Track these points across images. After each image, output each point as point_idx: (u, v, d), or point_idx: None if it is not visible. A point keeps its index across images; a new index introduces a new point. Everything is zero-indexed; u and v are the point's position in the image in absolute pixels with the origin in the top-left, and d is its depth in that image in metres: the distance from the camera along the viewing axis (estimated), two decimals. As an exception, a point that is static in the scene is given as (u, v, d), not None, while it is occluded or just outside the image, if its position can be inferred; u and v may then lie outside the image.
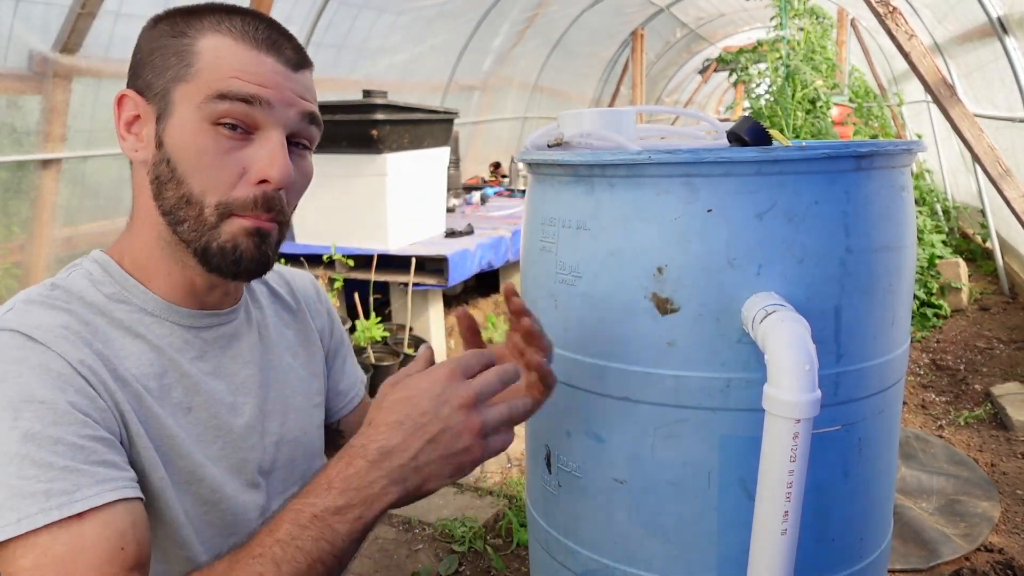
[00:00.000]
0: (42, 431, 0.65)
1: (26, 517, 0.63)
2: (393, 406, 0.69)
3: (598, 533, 1.06)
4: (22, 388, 0.67)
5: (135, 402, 0.76)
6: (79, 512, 0.65)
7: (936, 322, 4.28)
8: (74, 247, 3.22)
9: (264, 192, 0.77)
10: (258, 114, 0.77)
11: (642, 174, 0.95)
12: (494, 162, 6.98)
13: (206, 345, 0.85)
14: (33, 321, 0.72)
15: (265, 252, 0.80)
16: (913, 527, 2.27)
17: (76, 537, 0.64)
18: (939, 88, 2.84)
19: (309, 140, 0.84)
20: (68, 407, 0.68)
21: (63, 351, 0.71)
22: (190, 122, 0.76)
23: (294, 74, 0.80)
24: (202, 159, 0.76)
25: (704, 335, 0.94)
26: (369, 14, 4.74)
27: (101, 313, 0.78)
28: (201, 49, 0.76)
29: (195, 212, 0.77)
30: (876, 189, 0.96)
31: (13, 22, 2.71)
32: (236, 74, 0.76)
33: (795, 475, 0.80)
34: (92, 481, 0.67)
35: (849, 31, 7.69)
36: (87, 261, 0.83)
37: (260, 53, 0.77)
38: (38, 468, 0.65)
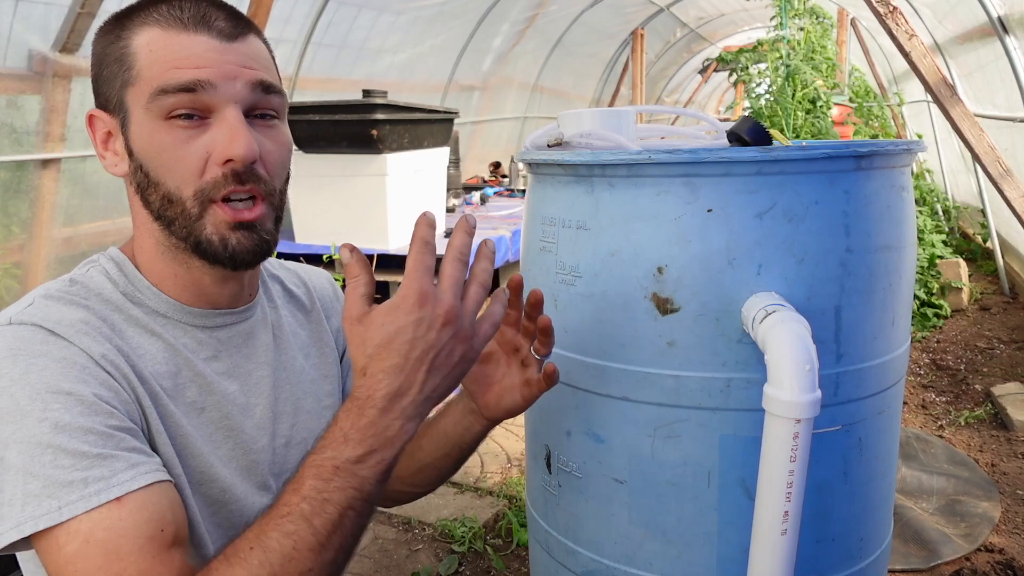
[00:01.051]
0: (72, 421, 0.67)
1: (66, 505, 0.65)
2: (381, 351, 0.68)
3: (598, 533, 1.06)
4: (48, 380, 0.68)
5: (152, 399, 0.76)
6: (117, 496, 0.66)
7: (936, 322, 4.28)
8: (74, 247, 3.22)
9: (232, 169, 0.76)
10: (204, 97, 0.75)
11: (642, 174, 0.95)
12: (494, 162, 6.98)
13: (220, 345, 0.85)
14: (54, 316, 0.72)
15: (260, 237, 0.79)
16: (913, 527, 2.27)
17: (117, 522, 0.66)
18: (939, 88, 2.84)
19: (273, 109, 0.81)
20: (94, 398, 0.69)
21: (85, 346, 0.72)
22: (146, 124, 0.76)
23: (231, 44, 0.77)
24: (165, 155, 0.75)
25: (704, 335, 0.93)
26: (369, 14, 4.74)
27: (118, 310, 0.79)
28: (136, 48, 0.75)
29: (179, 209, 0.77)
30: (876, 189, 0.96)
31: (13, 22, 2.71)
32: (171, 63, 0.74)
33: (795, 475, 0.80)
34: (126, 465, 0.68)
35: (849, 31, 7.69)
36: (104, 258, 0.83)
37: (189, 34, 0.75)
38: (73, 457, 0.66)
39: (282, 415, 0.91)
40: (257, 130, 0.79)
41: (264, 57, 0.81)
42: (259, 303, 0.91)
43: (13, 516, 0.65)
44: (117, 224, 3.43)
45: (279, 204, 0.83)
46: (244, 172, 0.76)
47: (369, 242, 3.65)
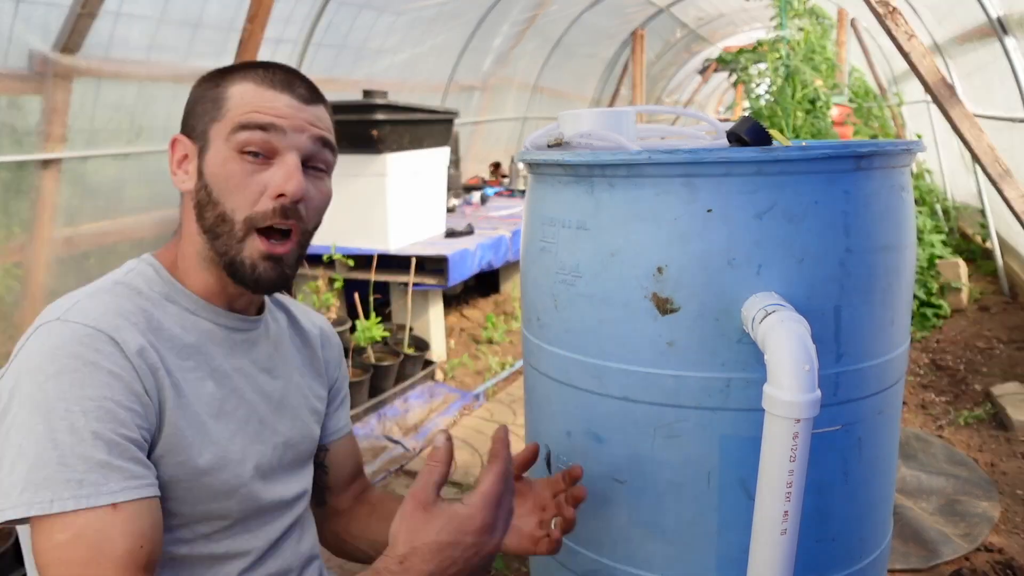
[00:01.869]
0: (86, 425, 0.75)
1: (58, 500, 0.73)
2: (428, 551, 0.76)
3: (598, 533, 1.06)
4: (76, 382, 0.76)
5: (176, 391, 0.86)
6: (113, 503, 0.75)
7: (936, 322, 4.28)
8: (74, 247, 3.22)
9: (281, 204, 0.89)
10: (274, 140, 0.89)
11: (642, 174, 0.96)
12: (494, 162, 6.98)
13: (235, 345, 0.96)
14: (97, 312, 0.82)
15: (283, 273, 0.92)
16: (913, 527, 2.27)
17: (108, 526, 0.74)
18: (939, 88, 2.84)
19: (325, 164, 0.95)
20: (113, 405, 0.77)
21: (123, 340, 0.81)
22: (221, 153, 0.89)
23: (306, 107, 0.92)
24: (231, 182, 0.89)
25: (704, 335, 0.94)
26: (369, 14, 4.74)
27: (156, 306, 0.90)
28: (231, 94, 0.91)
29: (228, 228, 0.89)
30: (876, 189, 0.96)
31: (13, 22, 2.71)
32: (255, 109, 0.89)
33: (795, 475, 0.80)
34: (121, 477, 0.76)
35: (849, 31, 7.69)
36: (142, 264, 0.94)
37: (276, 92, 0.91)
38: (78, 459, 0.74)
39: (282, 417, 1.01)
40: (308, 178, 0.92)
41: (328, 123, 0.96)
42: (265, 320, 1.02)
43: (13, 497, 0.73)
44: (117, 224, 3.43)
45: (305, 244, 0.96)
46: (290, 209, 0.89)
47: (369, 242, 3.65)
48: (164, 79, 3.42)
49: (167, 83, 3.45)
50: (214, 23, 3.49)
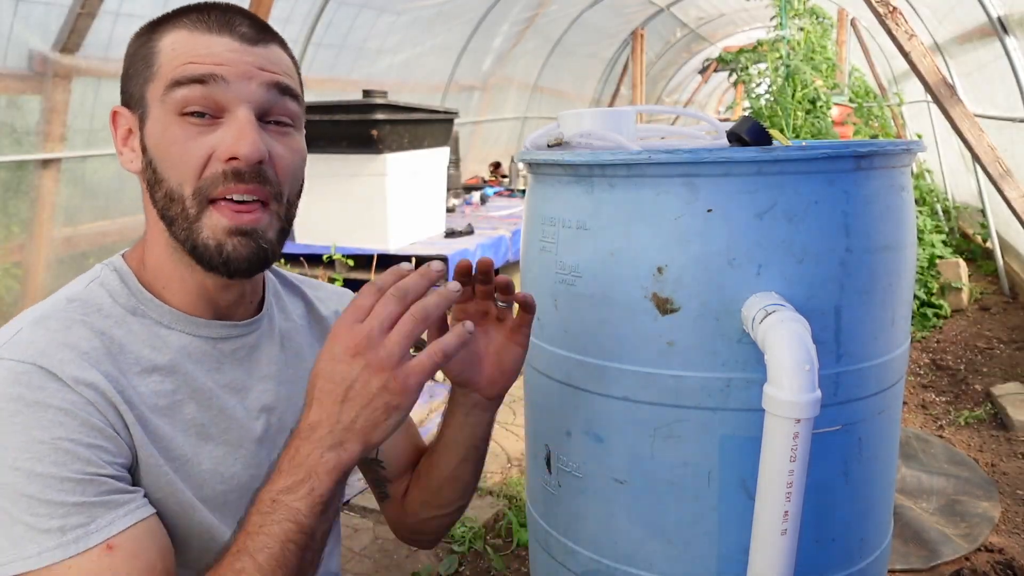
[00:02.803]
0: (45, 471, 0.66)
1: (46, 551, 0.65)
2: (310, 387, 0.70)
3: (598, 533, 1.06)
4: (25, 428, 0.66)
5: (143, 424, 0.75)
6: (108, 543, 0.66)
7: (936, 322, 4.28)
8: (74, 247, 3.22)
9: (234, 168, 0.75)
10: (217, 93, 0.75)
11: (642, 174, 0.95)
12: (494, 162, 6.98)
13: (223, 357, 0.84)
14: (40, 345, 0.70)
15: (260, 247, 0.77)
16: (913, 527, 2.27)
17: (109, 566, 0.66)
18: (939, 88, 2.84)
19: (288, 115, 0.80)
20: (71, 444, 0.67)
21: (69, 374, 0.70)
22: (160, 119, 0.76)
23: (252, 47, 0.77)
24: (172, 151, 0.75)
25: (704, 335, 0.93)
26: (369, 14, 4.74)
27: (119, 324, 0.77)
28: (162, 47, 0.77)
29: (179, 208, 0.76)
30: (876, 189, 0.96)
31: (13, 22, 2.71)
32: (190, 58, 0.75)
33: (795, 475, 0.80)
34: (105, 511, 0.67)
35: (849, 31, 7.69)
36: (106, 270, 0.81)
37: (212, 35, 0.76)
38: (48, 506, 0.65)
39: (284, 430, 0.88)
40: (271, 135, 0.78)
41: (286, 65, 0.81)
42: (266, 316, 0.89)
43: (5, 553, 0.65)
44: (117, 224, 3.43)
45: (286, 215, 0.81)
46: (248, 171, 0.75)
47: (369, 242, 3.65)
48: (164, 79, 3.42)
49: (167, 83, 3.45)
50: (214, 23, 3.49)
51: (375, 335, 0.67)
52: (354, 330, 0.68)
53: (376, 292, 0.70)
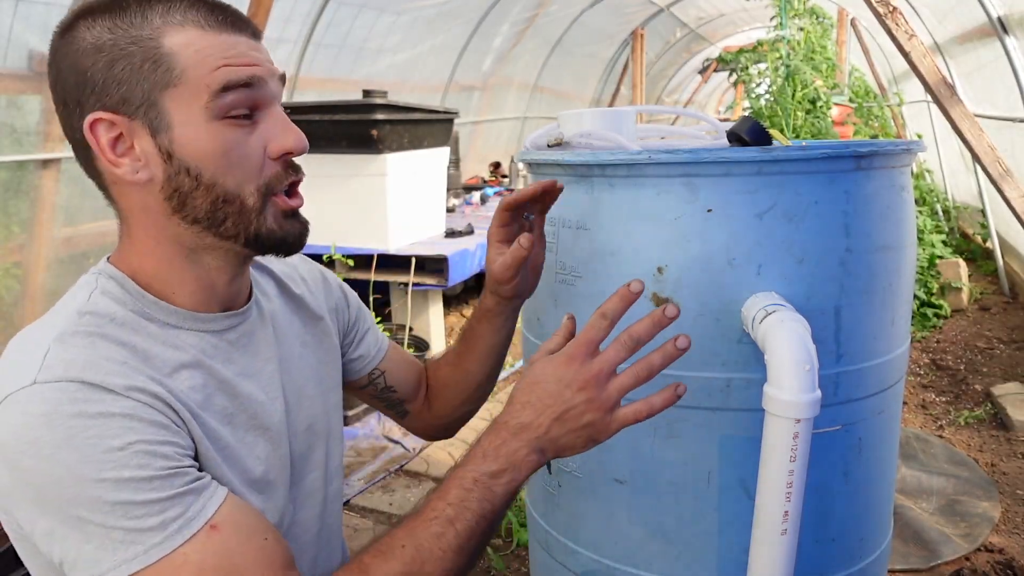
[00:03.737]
0: (133, 475, 0.67)
1: (152, 547, 0.67)
2: (524, 388, 0.79)
3: (598, 533, 1.06)
4: (96, 439, 0.67)
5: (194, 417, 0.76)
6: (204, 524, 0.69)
7: (936, 322, 4.28)
8: (74, 247, 3.21)
9: (288, 162, 0.80)
10: (258, 95, 0.77)
11: (642, 174, 0.95)
12: (494, 162, 6.98)
13: (231, 347, 0.85)
14: (79, 362, 0.69)
15: (304, 224, 0.84)
16: (913, 527, 2.27)
17: (222, 546, 0.69)
18: (939, 88, 2.84)
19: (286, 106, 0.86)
20: (146, 446, 0.68)
21: (119, 387, 0.70)
22: (202, 125, 0.74)
23: (260, 44, 0.80)
24: (229, 156, 0.76)
25: (704, 335, 0.93)
26: (369, 14, 4.74)
27: (135, 331, 0.76)
28: (173, 48, 0.73)
29: (237, 207, 0.77)
30: (876, 189, 0.96)
31: (13, 22, 2.71)
32: (224, 61, 0.74)
33: (795, 475, 0.80)
34: (195, 496, 0.70)
35: (849, 31, 7.69)
36: (102, 278, 0.79)
37: (230, 35, 0.76)
38: (145, 507, 0.67)
39: (292, 405, 0.92)
40: None
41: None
42: (255, 301, 0.91)
43: (107, 561, 0.66)
44: (116, 224, 3.42)
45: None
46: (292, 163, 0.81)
47: (369, 242, 3.65)
48: (164, 79, 3.42)
49: (167, 83, 3.45)
50: (214, 23, 3.48)
51: (603, 379, 0.77)
52: (586, 367, 0.77)
53: (608, 326, 0.78)
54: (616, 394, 0.77)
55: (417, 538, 0.73)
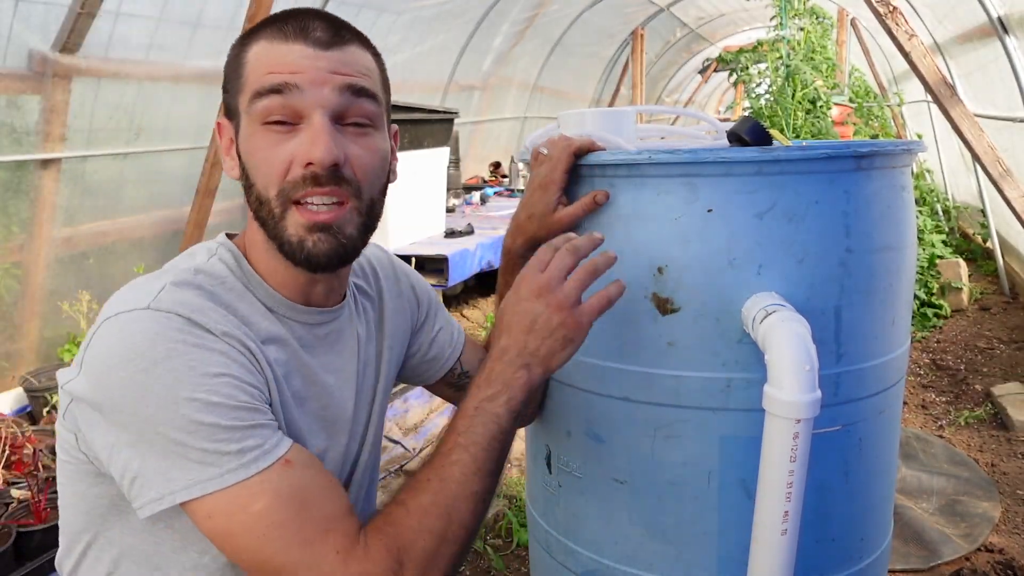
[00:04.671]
0: (220, 401, 0.72)
1: (229, 472, 0.71)
2: (498, 323, 0.89)
3: (598, 533, 1.06)
4: (192, 364, 0.72)
5: (273, 380, 0.82)
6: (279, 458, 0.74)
7: (936, 322, 4.28)
8: (74, 247, 3.21)
9: (312, 172, 0.79)
10: (295, 102, 0.79)
11: (642, 174, 0.95)
12: (494, 162, 6.98)
13: (317, 341, 0.90)
14: (190, 303, 0.76)
15: (339, 242, 0.82)
16: (913, 527, 2.27)
17: (297, 478, 0.74)
18: (939, 88, 2.84)
19: (366, 117, 0.83)
20: (237, 381, 0.75)
21: (220, 331, 0.76)
22: (248, 128, 0.82)
23: (325, 52, 0.80)
24: (257, 157, 0.81)
25: (704, 335, 0.93)
26: (369, 14, 4.74)
27: (240, 298, 0.84)
28: (248, 59, 0.82)
29: (267, 210, 0.82)
30: (876, 189, 0.96)
31: (13, 22, 2.71)
32: (268, 69, 0.79)
33: (795, 475, 0.80)
34: (271, 432, 0.75)
35: (849, 31, 7.69)
36: (223, 249, 0.87)
37: (288, 43, 0.80)
38: (228, 431, 0.72)
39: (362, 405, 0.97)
40: (348, 137, 0.82)
41: (362, 64, 0.84)
42: (347, 301, 0.96)
43: (181, 479, 0.71)
44: (117, 224, 3.43)
45: (369, 211, 0.85)
46: (325, 175, 0.79)
47: (369, 242, 3.65)
48: (163, 79, 3.42)
49: (166, 83, 3.45)
50: (213, 23, 3.49)
51: (554, 282, 0.85)
52: (537, 277, 0.86)
53: (552, 249, 0.88)
54: (573, 291, 0.84)
55: (439, 470, 0.79)
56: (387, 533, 0.75)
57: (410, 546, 0.75)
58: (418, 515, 0.77)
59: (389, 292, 1.05)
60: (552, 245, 0.88)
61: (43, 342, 3.11)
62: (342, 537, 0.74)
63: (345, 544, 0.73)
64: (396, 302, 1.06)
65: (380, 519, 0.78)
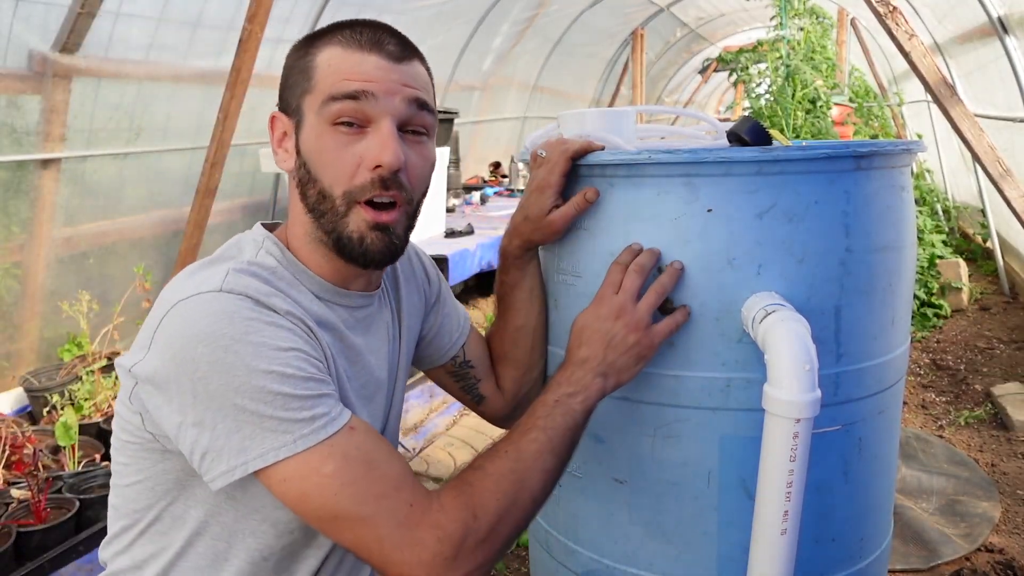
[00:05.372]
0: (294, 373, 0.78)
1: (300, 438, 0.77)
2: (575, 336, 0.95)
3: (598, 533, 1.06)
4: (266, 339, 0.78)
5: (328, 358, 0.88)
6: (345, 424, 0.80)
7: (936, 322, 4.28)
8: (74, 247, 3.21)
9: (380, 175, 0.86)
10: (367, 107, 0.85)
11: (642, 174, 0.95)
12: (494, 162, 6.98)
13: (359, 323, 0.97)
14: (255, 288, 0.82)
15: (392, 242, 0.89)
16: (913, 527, 2.27)
17: (363, 442, 0.81)
18: (939, 88, 2.84)
19: (423, 126, 0.91)
20: (304, 354, 0.81)
21: (285, 311, 0.82)
22: (315, 127, 0.87)
23: (397, 65, 0.88)
24: (326, 156, 0.87)
25: (704, 335, 0.94)
26: (369, 14, 4.72)
27: (292, 286, 0.89)
28: (318, 62, 0.87)
29: (329, 205, 0.87)
30: (876, 189, 0.96)
31: (13, 22, 2.71)
32: (344, 76, 0.85)
33: (795, 475, 0.80)
34: (335, 402, 0.81)
35: (849, 31, 7.69)
36: (268, 241, 0.92)
37: (364, 53, 0.86)
38: (300, 400, 0.78)
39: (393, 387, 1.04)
40: (407, 144, 0.89)
41: (424, 80, 0.92)
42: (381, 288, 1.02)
43: (256, 448, 0.76)
44: (117, 224, 3.43)
45: (414, 213, 0.93)
46: (389, 179, 0.86)
47: (369, 242, 3.64)
48: (163, 79, 3.42)
49: (166, 83, 3.45)
50: (213, 23, 3.49)
51: (628, 304, 0.93)
52: (614, 299, 0.94)
53: (621, 268, 0.95)
54: (646, 312, 0.92)
55: (517, 443, 0.86)
56: (463, 491, 0.82)
57: (485, 503, 0.81)
58: (495, 478, 0.83)
59: (404, 273, 1.11)
60: (620, 263, 0.95)
61: (43, 342, 3.11)
62: (412, 492, 0.80)
63: (417, 497, 0.80)
64: (411, 283, 1.11)
65: (456, 480, 0.84)
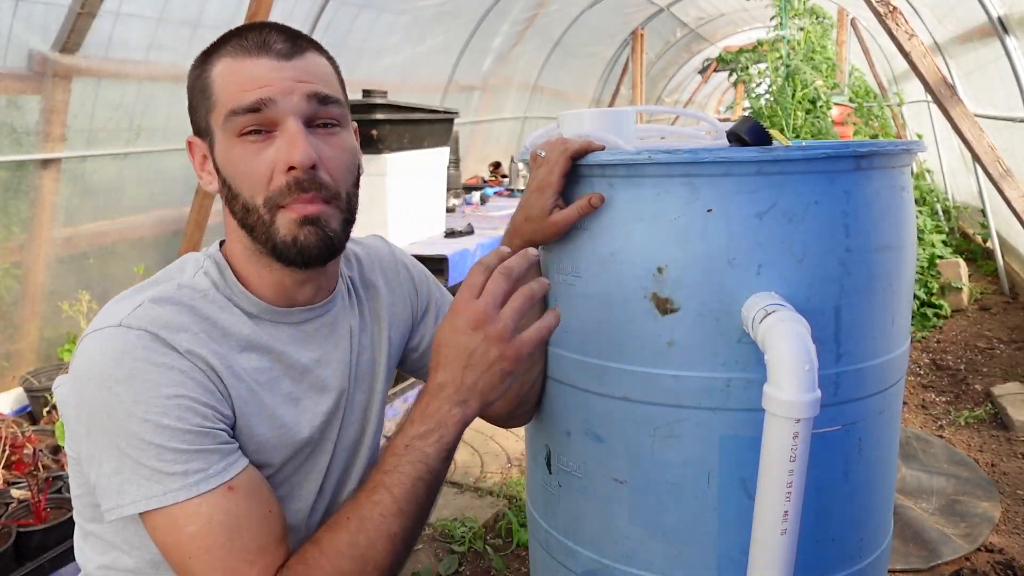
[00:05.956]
0: (171, 424, 0.76)
1: (170, 492, 0.76)
2: (434, 356, 0.83)
3: (598, 533, 1.06)
4: (150, 385, 0.76)
5: (248, 395, 0.85)
6: (223, 483, 0.77)
7: (936, 322, 4.28)
8: (74, 247, 3.21)
9: (295, 177, 0.84)
10: (268, 113, 0.83)
11: (642, 174, 0.95)
12: (494, 162, 6.97)
13: (307, 337, 0.94)
14: (161, 320, 0.80)
15: (326, 235, 0.86)
16: (913, 527, 2.27)
17: (234, 506, 0.77)
18: (939, 88, 2.84)
19: (331, 118, 0.88)
20: (190, 401, 0.78)
21: (186, 349, 0.80)
22: (224, 143, 0.86)
23: (288, 63, 0.85)
24: (240, 168, 0.85)
25: (704, 335, 0.93)
26: (369, 14, 4.74)
27: (221, 310, 0.87)
28: (213, 77, 0.86)
29: (255, 216, 0.85)
30: (876, 189, 0.96)
31: (13, 22, 2.71)
32: (239, 86, 0.83)
33: (795, 475, 0.80)
34: (220, 457, 0.78)
35: (849, 31, 7.69)
36: (208, 262, 0.90)
37: (253, 59, 0.84)
38: (174, 453, 0.76)
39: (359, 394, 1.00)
40: (319, 138, 0.86)
41: (323, 71, 0.89)
42: (338, 294, 0.99)
43: (131, 494, 0.76)
44: (117, 224, 3.42)
45: (347, 206, 0.90)
46: (307, 180, 0.84)
47: (369, 242, 3.65)
48: (164, 79, 3.42)
49: (167, 83, 3.45)
50: (214, 23, 3.49)
51: (491, 311, 0.80)
52: (472, 306, 0.80)
53: (485, 270, 0.82)
54: (510, 321, 0.80)
55: (360, 508, 0.79)
56: (299, 572, 0.78)
57: None
58: (332, 556, 0.78)
59: (388, 283, 1.08)
60: (485, 265, 0.83)
61: (43, 342, 3.11)
62: (264, 571, 0.77)
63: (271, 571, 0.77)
64: (395, 293, 1.09)
65: (295, 558, 0.80)
